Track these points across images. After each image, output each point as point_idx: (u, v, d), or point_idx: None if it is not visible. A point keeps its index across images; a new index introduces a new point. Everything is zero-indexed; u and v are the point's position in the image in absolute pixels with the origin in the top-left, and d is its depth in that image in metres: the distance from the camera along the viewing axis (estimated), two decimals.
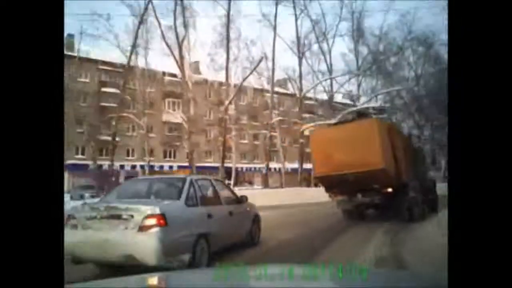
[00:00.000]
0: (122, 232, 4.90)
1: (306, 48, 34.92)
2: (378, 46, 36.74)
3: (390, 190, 10.65)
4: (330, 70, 36.21)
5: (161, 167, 40.12)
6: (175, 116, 33.34)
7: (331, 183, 11.32)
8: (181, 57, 27.66)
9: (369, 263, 6.07)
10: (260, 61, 29.72)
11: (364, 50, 37.43)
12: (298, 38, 34.31)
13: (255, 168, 43.33)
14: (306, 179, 38.65)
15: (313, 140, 12.38)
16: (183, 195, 5.70)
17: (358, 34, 36.89)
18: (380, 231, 9.32)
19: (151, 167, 38.14)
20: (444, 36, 30.63)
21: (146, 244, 4.77)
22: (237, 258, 6.34)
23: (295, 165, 35.87)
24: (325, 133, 12.18)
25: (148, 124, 37.14)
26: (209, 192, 6.68)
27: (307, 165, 38.75)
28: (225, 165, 30.04)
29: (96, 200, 8.74)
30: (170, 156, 41.31)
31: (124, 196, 6.13)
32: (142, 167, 34.99)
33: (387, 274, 2.22)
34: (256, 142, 43.39)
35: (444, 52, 35.71)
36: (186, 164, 30.07)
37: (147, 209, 4.98)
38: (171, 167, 40.08)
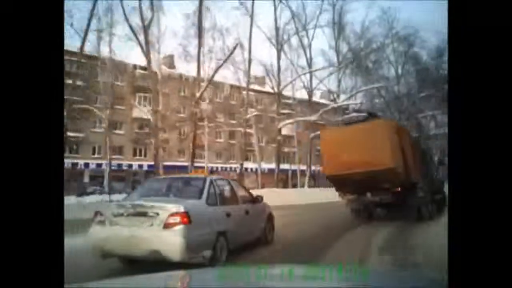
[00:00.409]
0: (148, 229, 5.34)
1: (285, 40, 34.61)
2: (359, 41, 37.16)
3: (399, 189, 11.14)
4: (309, 65, 36.32)
5: (130, 165, 39.34)
6: (146, 112, 32.20)
7: (341, 183, 11.82)
8: (147, 42, 25.39)
9: (371, 263, 6.38)
10: (234, 48, 28.40)
11: (344, 45, 37.78)
12: (277, 28, 33.82)
13: (230, 168, 43.11)
14: (283, 180, 38.78)
15: (323, 140, 12.81)
16: (204, 195, 6.18)
17: (339, 27, 37.18)
18: (386, 231, 9.76)
19: (119, 165, 37.17)
20: (424, 34, 31.37)
21: (170, 241, 5.19)
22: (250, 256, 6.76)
23: (272, 166, 35.79)
24: (335, 134, 12.65)
25: (117, 120, 35.96)
26: (227, 192, 7.14)
27: (284, 166, 38.98)
28: (198, 164, 29.51)
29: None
30: (140, 154, 40.51)
31: (146, 195, 6.59)
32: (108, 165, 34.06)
33: (387, 274, 2.29)
34: (232, 141, 43.15)
35: (423, 51, 36.75)
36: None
37: (172, 207, 5.44)
38: (140, 166, 39.37)
